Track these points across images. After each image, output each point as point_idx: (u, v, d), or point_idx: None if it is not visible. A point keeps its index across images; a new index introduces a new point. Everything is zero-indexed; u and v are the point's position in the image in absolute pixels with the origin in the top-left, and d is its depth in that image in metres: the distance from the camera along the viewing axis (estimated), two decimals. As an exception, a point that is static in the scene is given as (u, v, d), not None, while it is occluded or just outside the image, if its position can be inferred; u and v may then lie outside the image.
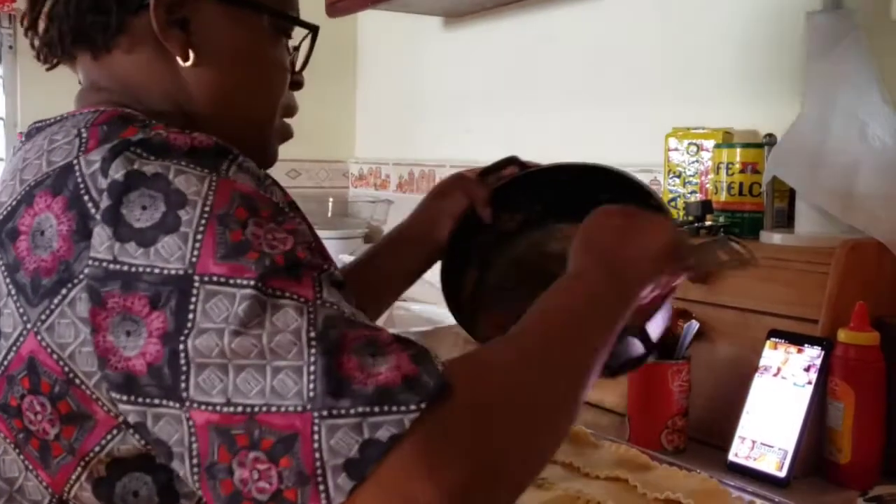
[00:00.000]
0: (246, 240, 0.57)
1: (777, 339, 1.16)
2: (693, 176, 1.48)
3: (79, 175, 0.61)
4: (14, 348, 0.61)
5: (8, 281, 0.62)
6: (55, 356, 0.59)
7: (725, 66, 1.57)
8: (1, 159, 2.36)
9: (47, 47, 0.76)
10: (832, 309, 1.13)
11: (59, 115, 0.71)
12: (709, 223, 1.34)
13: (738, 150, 1.36)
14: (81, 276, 0.58)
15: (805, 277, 1.17)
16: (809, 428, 1.09)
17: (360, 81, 2.55)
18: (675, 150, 1.50)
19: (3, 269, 0.62)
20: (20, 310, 0.61)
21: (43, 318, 0.59)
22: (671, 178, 1.51)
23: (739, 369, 1.20)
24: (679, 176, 1.50)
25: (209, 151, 0.61)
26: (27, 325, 0.60)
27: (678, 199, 1.50)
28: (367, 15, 2.51)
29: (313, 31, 0.84)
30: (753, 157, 1.34)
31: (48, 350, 0.59)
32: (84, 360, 0.58)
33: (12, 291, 0.61)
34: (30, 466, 0.62)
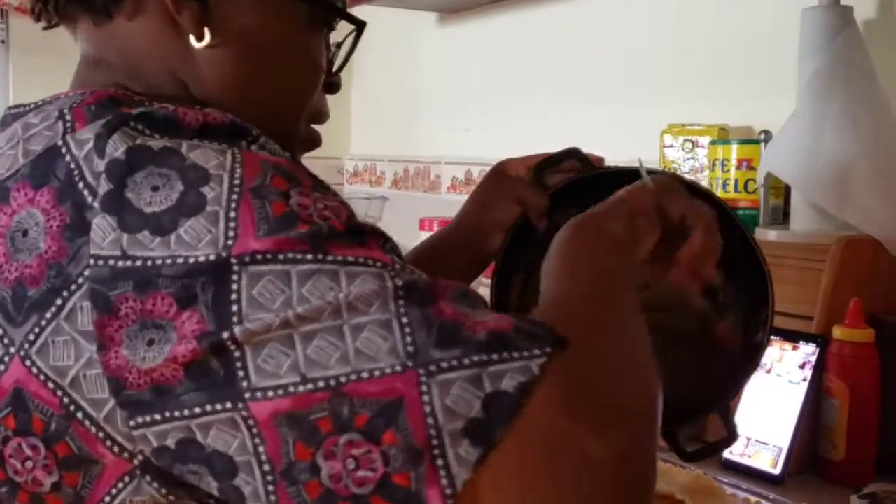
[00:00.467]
0: (292, 210, 0.47)
1: (772, 336, 1.15)
2: (688, 173, 1.47)
3: (69, 159, 0.50)
4: None
5: None
6: (51, 385, 0.48)
7: (721, 62, 1.56)
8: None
9: (41, 2, 0.63)
10: (827, 306, 1.13)
11: (40, 100, 0.59)
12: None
13: (734, 147, 1.35)
14: (80, 279, 0.47)
15: (800, 274, 1.17)
16: (804, 425, 1.09)
17: (354, 78, 2.54)
18: (671, 146, 1.50)
19: None
20: None
21: (31, 338, 0.48)
22: (666, 174, 1.51)
23: (734, 366, 1.20)
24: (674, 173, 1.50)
25: (224, 129, 0.52)
26: (9, 350, 0.49)
27: (673, 195, 1.49)
28: (361, 10, 2.49)
29: (360, 26, 0.70)
30: (749, 154, 1.34)
31: (41, 378, 0.48)
32: (91, 385, 0.47)
33: None
34: None
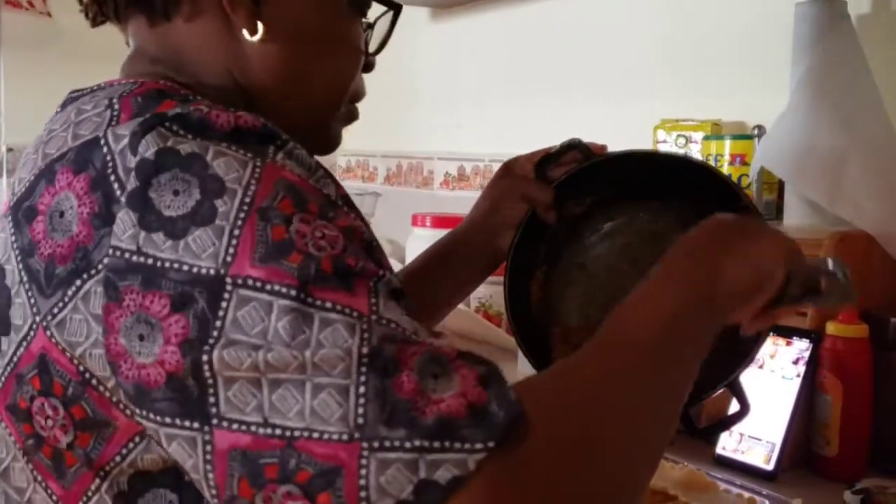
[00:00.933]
0: (289, 238, 0.49)
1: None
2: (682, 168, 1.47)
3: (106, 151, 0.54)
4: (24, 343, 0.54)
5: (21, 267, 0.55)
6: (68, 354, 0.52)
7: (714, 57, 1.56)
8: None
9: (97, 5, 0.68)
10: (821, 301, 1.12)
11: (96, 85, 0.63)
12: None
13: (727, 142, 1.35)
14: (100, 266, 0.51)
15: (793, 269, 1.17)
16: (797, 421, 1.09)
17: (347, 73, 2.54)
18: (664, 142, 1.49)
19: (17, 252, 0.55)
20: (31, 300, 0.54)
21: (55, 311, 0.52)
22: (660, 169, 1.50)
23: (727, 362, 1.19)
24: (667, 168, 1.49)
25: (255, 133, 0.54)
26: (36, 318, 0.53)
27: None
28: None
29: (396, 9, 0.75)
30: (742, 149, 1.33)
31: (60, 347, 0.53)
32: (96, 363, 0.51)
33: (24, 279, 0.54)
34: (38, 478, 0.55)
